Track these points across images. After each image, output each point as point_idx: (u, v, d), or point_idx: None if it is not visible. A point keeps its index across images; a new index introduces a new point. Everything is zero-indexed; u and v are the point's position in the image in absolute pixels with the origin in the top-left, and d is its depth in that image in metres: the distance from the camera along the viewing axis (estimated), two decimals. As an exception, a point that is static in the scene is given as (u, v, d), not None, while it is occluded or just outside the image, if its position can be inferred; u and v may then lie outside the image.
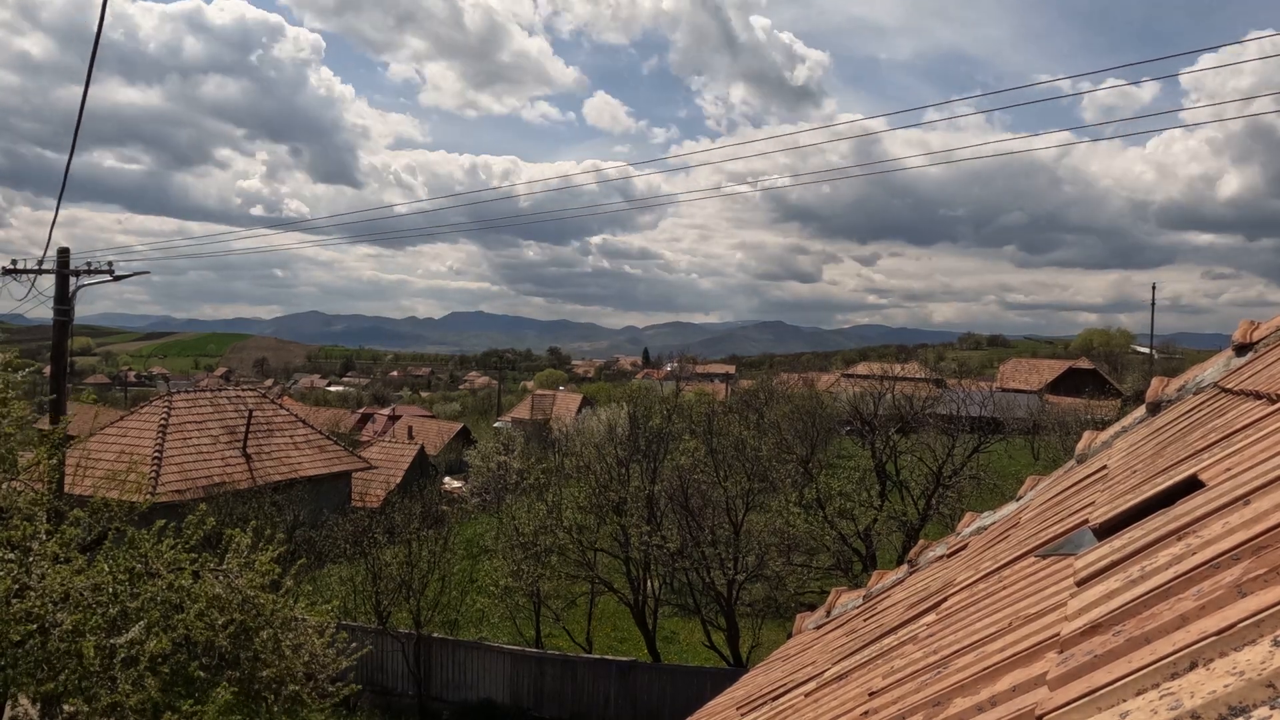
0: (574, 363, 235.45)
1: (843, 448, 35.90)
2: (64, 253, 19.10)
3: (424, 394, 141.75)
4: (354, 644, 11.64)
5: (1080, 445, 4.55)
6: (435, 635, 19.15)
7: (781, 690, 3.79)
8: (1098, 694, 1.33)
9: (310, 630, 10.06)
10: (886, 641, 3.22)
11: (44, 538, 8.23)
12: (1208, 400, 3.59)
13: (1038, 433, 42.33)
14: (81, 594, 7.77)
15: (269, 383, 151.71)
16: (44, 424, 15.25)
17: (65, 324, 18.88)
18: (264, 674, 8.88)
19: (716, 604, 19.37)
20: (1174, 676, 1.25)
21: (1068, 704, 1.37)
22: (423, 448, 46.13)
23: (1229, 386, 3.47)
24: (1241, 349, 3.97)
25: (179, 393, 33.82)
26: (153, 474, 24.81)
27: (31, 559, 7.83)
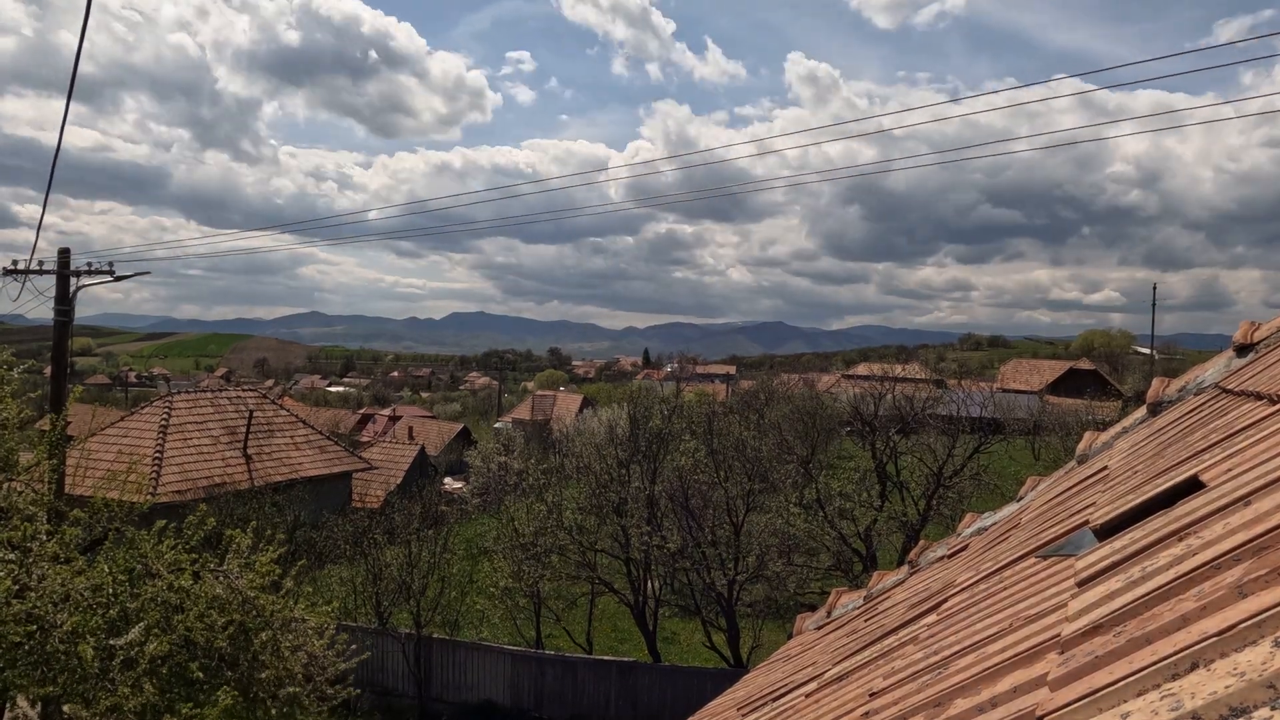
0: (574, 363, 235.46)
1: (843, 448, 35.91)
2: (64, 253, 19.11)
3: (424, 394, 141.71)
4: (354, 645, 11.64)
5: (1081, 446, 4.55)
6: (435, 636, 19.15)
7: (782, 691, 3.79)
8: (1099, 695, 1.33)
9: (310, 631, 10.05)
10: (887, 642, 3.21)
11: (44, 538, 8.22)
12: (1209, 401, 3.58)
13: (1038, 433, 42.34)
14: (81, 595, 7.76)
15: (269, 383, 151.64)
16: (44, 424, 15.24)
17: (66, 324, 18.89)
18: (262, 675, 8.86)
19: (717, 604, 19.37)
20: (1175, 677, 1.25)
21: (1068, 705, 1.36)
22: (423, 448, 46.13)
23: (1230, 387, 3.47)
24: (1242, 349, 3.97)
25: (179, 393, 33.80)
26: (153, 474, 24.81)
27: (31, 559, 7.82)
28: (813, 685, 3.40)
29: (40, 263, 19.54)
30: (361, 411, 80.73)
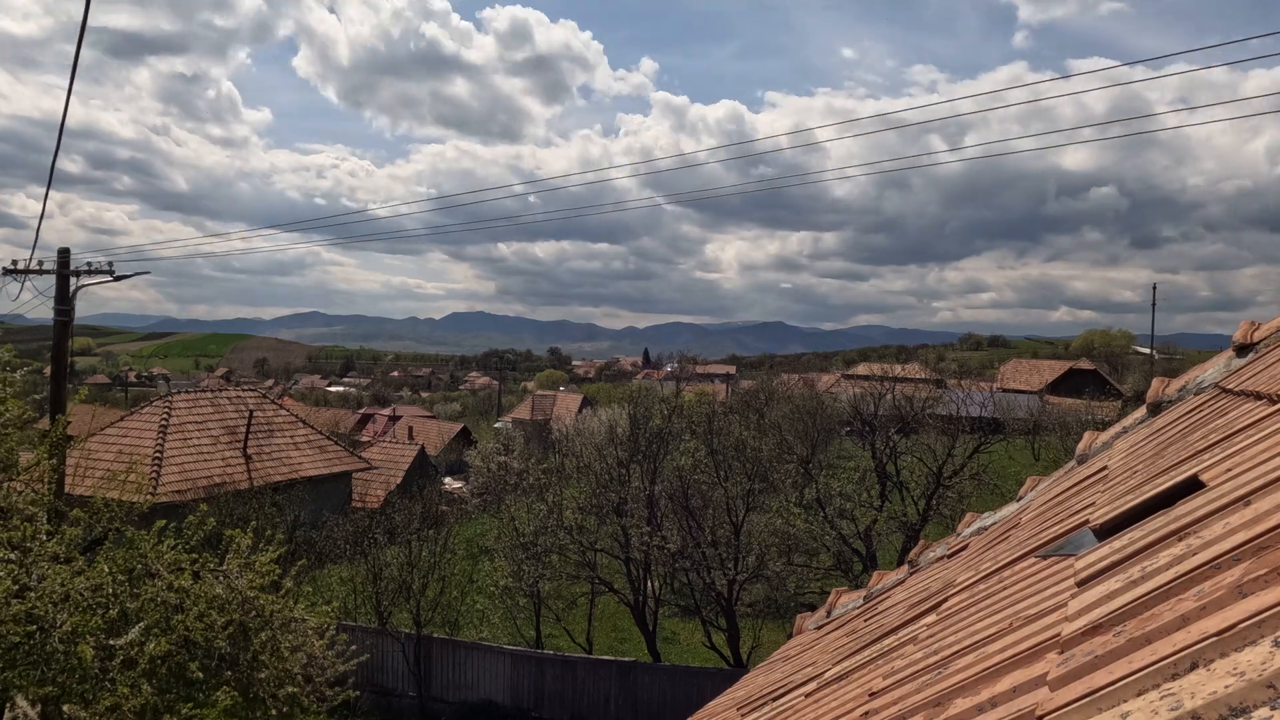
0: (574, 363, 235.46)
1: (843, 448, 35.90)
2: (64, 253, 19.13)
3: (424, 394, 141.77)
4: (354, 646, 11.63)
5: (1081, 446, 4.55)
6: (435, 635, 19.16)
7: (782, 690, 3.79)
8: (1098, 694, 1.33)
9: (310, 632, 10.05)
10: (887, 642, 3.22)
11: (44, 538, 8.22)
12: (1208, 401, 3.58)
13: (1038, 433, 42.34)
14: (81, 595, 7.76)
15: (269, 383, 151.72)
16: (44, 424, 15.25)
17: (66, 324, 18.90)
18: (261, 675, 8.86)
19: (717, 604, 19.37)
20: (1174, 677, 1.25)
21: (1068, 704, 1.37)
22: (423, 448, 46.10)
23: (1230, 387, 3.47)
24: (1242, 349, 3.97)
25: (179, 393, 33.81)
26: (153, 474, 24.81)
27: (31, 559, 7.82)
28: (812, 685, 3.40)
29: (40, 263, 19.55)
30: (361, 411, 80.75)
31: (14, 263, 19.84)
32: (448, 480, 45.97)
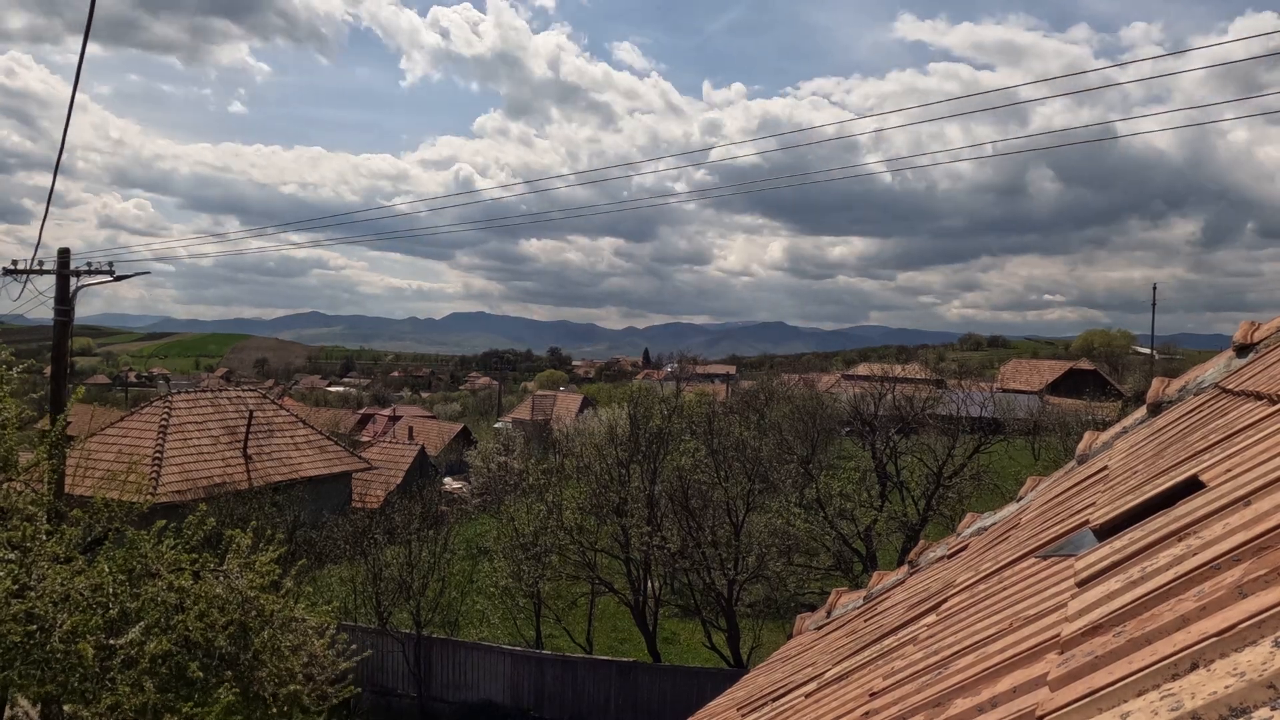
0: (574, 363, 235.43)
1: (843, 448, 35.90)
2: (64, 253, 19.14)
3: (424, 394, 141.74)
4: (354, 645, 11.63)
5: (1081, 446, 4.55)
6: (435, 635, 19.16)
7: (782, 691, 3.79)
8: (1098, 695, 1.33)
9: (310, 631, 10.05)
10: (887, 642, 3.22)
11: (44, 538, 8.22)
12: (1208, 401, 3.58)
13: (1038, 433, 42.34)
14: (81, 594, 7.76)
15: (269, 383, 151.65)
16: (44, 424, 15.24)
17: (65, 324, 18.91)
18: (261, 674, 8.86)
19: (717, 605, 19.38)
20: (1175, 677, 1.25)
21: (1068, 705, 1.37)
22: (423, 448, 46.10)
23: (1230, 387, 3.47)
24: (1242, 350, 3.97)
25: (179, 393, 33.82)
26: (153, 474, 24.81)
27: (31, 559, 7.82)
28: (813, 685, 3.40)
29: (40, 263, 19.57)
30: (361, 411, 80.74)
31: (14, 263, 19.86)
32: (448, 480, 45.95)
